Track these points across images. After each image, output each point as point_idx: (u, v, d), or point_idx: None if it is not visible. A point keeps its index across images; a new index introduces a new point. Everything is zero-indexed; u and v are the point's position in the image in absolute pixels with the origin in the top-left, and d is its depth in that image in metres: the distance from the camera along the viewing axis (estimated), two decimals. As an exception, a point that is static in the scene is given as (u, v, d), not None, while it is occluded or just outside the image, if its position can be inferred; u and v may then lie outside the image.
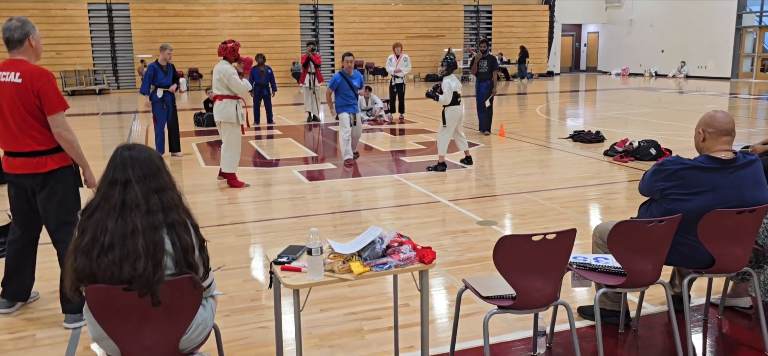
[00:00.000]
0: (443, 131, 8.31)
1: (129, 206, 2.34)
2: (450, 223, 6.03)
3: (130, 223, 2.32)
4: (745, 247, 3.28)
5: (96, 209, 2.37)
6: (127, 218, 2.33)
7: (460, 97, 8.29)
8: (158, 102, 9.52)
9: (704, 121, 3.33)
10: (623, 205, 6.66)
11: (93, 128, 14.13)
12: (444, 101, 8.14)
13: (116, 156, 2.44)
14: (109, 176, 2.41)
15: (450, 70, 8.28)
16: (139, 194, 2.36)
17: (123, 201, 2.34)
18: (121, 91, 23.85)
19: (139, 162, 2.41)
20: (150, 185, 2.39)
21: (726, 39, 25.31)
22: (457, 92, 8.19)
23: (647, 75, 28.64)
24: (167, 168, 2.52)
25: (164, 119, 9.63)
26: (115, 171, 2.40)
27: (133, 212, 2.33)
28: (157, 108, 9.56)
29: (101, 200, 2.38)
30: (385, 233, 2.95)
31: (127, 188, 2.36)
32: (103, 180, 2.42)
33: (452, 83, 8.13)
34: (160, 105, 9.53)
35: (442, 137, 8.36)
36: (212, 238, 5.67)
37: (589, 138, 10.58)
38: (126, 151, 2.43)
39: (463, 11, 28.03)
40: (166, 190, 2.43)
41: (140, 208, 2.34)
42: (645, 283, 3.21)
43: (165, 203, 2.40)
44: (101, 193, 2.39)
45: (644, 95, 20.10)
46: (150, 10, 23.79)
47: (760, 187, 3.28)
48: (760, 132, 11.60)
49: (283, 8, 25.36)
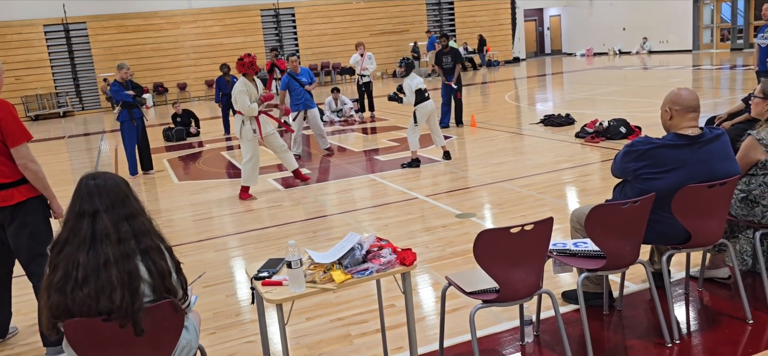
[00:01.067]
0: (414, 128, 8.32)
1: (99, 237, 2.28)
2: (429, 219, 6.04)
3: (102, 255, 2.26)
4: (718, 219, 3.34)
5: (65, 243, 2.31)
6: (98, 249, 2.27)
7: (426, 92, 8.30)
8: (127, 121, 9.31)
9: (670, 99, 3.38)
10: (598, 186, 6.74)
11: (60, 152, 13.84)
12: (407, 102, 8.18)
13: (81, 187, 2.37)
14: (76, 208, 2.35)
15: (408, 71, 8.30)
16: (109, 223, 2.30)
17: (93, 233, 2.29)
18: (86, 112, 23.41)
19: (106, 191, 2.35)
20: (119, 213, 2.34)
21: (685, 12, 25.80)
22: (421, 89, 8.19)
23: (611, 54, 29.06)
24: (135, 193, 2.47)
25: (134, 137, 9.44)
26: (82, 202, 2.34)
27: (103, 243, 2.28)
28: (125, 127, 9.35)
29: (70, 234, 2.32)
30: (364, 238, 2.94)
31: (96, 218, 2.31)
32: (70, 212, 2.36)
33: (413, 82, 8.15)
34: (128, 124, 9.33)
35: (411, 134, 8.37)
36: (191, 255, 5.60)
37: (560, 121, 10.69)
38: (91, 180, 2.37)
39: (426, 5, 28.10)
40: (135, 216, 2.38)
41: (111, 238, 2.29)
42: (625, 264, 3.25)
43: (136, 229, 2.35)
44: (69, 226, 2.33)
45: (610, 73, 20.39)
46: (108, 27, 23.37)
47: (728, 160, 3.34)
48: (725, 102, 11.85)
49: (244, 15, 25.13)
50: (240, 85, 7.29)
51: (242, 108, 7.26)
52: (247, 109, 7.25)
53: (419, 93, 8.19)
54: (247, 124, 7.37)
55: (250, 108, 7.25)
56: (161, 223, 7.08)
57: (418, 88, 8.16)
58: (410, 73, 8.27)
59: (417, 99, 8.19)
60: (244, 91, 7.25)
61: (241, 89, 7.26)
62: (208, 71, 24.04)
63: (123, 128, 9.37)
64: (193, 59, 24.58)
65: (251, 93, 7.31)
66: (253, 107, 7.26)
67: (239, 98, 7.24)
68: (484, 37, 27.87)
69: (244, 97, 7.22)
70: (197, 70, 24.61)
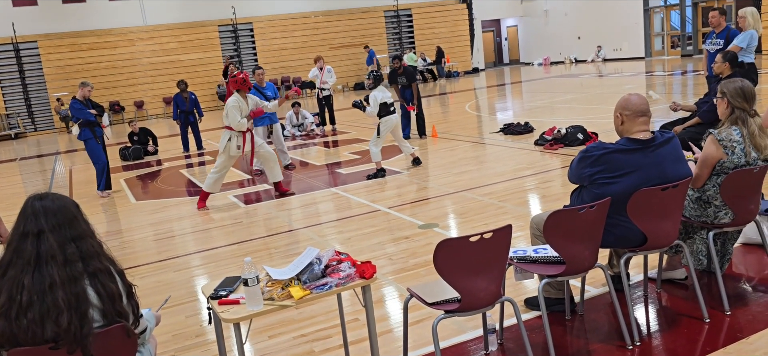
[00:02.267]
0: (376, 140, 8.43)
1: (44, 259, 2.18)
2: (392, 230, 6.02)
3: (48, 276, 2.16)
4: (673, 221, 3.41)
5: (9, 265, 2.20)
6: (43, 271, 2.17)
7: (392, 106, 8.43)
8: (91, 138, 9.01)
9: (620, 105, 3.45)
10: (558, 192, 6.83)
11: (12, 175, 13.39)
12: (370, 113, 8.34)
13: (27, 207, 2.28)
14: (21, 228, 2.24)
15: (377, 83, 8.51)
16: (55, 244, 2.21)
17: (37, 254, 2.19)
18: (39, 133, 22.73)
19: (52, 212, 2.26)
20: (65, 234, 2.24)
21: (636, 20, 26.53)
22: (386, 103, 8.33)
23: (567, 62, 29.68)
24: (84, 215, 2.38)
25: (102, 153, 9.14)
26: (26, 223, 2.24)
27: (49, 264, 2.18)
28: (90, 145, 9.03)
29: (13, 256, 2.21)
30: (323, 252, 2.90)
31: (41, 239, 2.21)
32: (14, 233, 2.26)
33: (379, 95, 8.32)
34: (92, 141, 9.02)
35: (373, 146, 8.46)
36: (151, 275, 5.45)
37: (519, 130, 10.84)
38: (37, 201, 2.28)
39: (384, 17, 28.25)
40: (83, 238, 2.28)
41: (56, 259, 2.19)
42: (584, 268, 3.28)
43: (84, 251, 2.25)
44: (12, 248, 2.23)
45: (566, 81, 20.80)
46: (61, 45, 22.79)
47: (680, 162, 3.41)
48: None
49: (201, 31, 24.84)
50: (233, 101, 7.52)
51: (233, 123, 7.48)
52: (237, 124, 7.46)
53: (384, 106, 8.33)
54: (233, 140, 7.57)
55: (240, 123, 7.47)
56: (119, 244, 6.90)
57: (383, 101, 8.32)
58: (378, 86, 8.46)
59: (382, 112, 8.33)
60: (237, 106, 7.48)
61: (233, 104, 7.49)
62: (166, 89, 23.65)
63: (89, 146, 9.04)
64: (149, 77, 24.14)
65: (243, 109, 7.54)
66: (242, 122, 7.49)
67: (231, 113, 7.47)
68: (442, 49, 28.15)
69: (235, 112, 7.46)
70: (154, 88, 24.18)
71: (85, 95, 8.94)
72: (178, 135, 13.81)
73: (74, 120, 9.08)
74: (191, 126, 13.15)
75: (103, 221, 7.90)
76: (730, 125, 3.70)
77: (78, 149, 16.69)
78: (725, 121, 3.75)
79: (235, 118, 7.44)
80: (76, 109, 8.89)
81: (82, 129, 8.93)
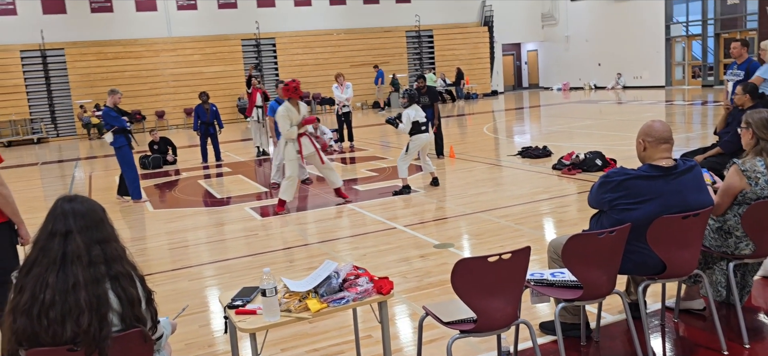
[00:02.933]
0: (404, 157, 8.54)
1: (70, 258, 2.21)
2: (407, 249, 6.01)
3: (72, 276, 2.19)
4: (693, 250, 3.37)
5: (34, 263, 2.23)
6: (68, 271, 2.19)
7: (424, 125, 8.54)
8: (125, 146, 9.07)
9: (643, 131, 3.43)
10: (575, 217, 6.79)
11: (33, 178, 13.59)
12: (403, 129, 8.48)
13: (56, 208, 2.32)
14: (49, 228, 2.28)
15: (411, 102, 8.64)
16: (81, 244, 2.24)
17: (63, 253, 2.22)
18: (61, 139, 23.07)
19: (81, 214, 2.30)
20: (92, 236, 2.27)
21: (657, 49, 26.42)
22: (418, 121, 8.45)
23: (587, 88, 29.59)
24: (110, 220, 2.41)
25: (133, 161, 9.23)
26: (55, 223, 2.27)
27: (74, 264, 2.21)
28: (124, 151, 9.08)
29: (39, 254, 2.24)
30: (341, 266, 2.90)
31: (68, 239, 2.24)
32: (42, 233, 2.29)
33: (412, 113, 8.46)
34: (126, 149, 9.08)
35: (401, 162, 8.56)
36: (166, 284, 5.49)
37: (537, 153, 10.80)
38: (67, 203, 2.32)
39: (405, 37, 28.43)
40: (109, 241, 2.32)
41: (82, 260, 2.22)
42: (602, 294, 3.25)
43: (108, 254, 2.28)
44: (39, 246, 2.26)
45: (585, 107, 20.72)
46: (87, 54, 23.20)
47: (701, 191, 3.39)
48: (697, 136, 12.10)
49: (224, 44, 25.16)
50: (282, 110, 7.68)
51: (283, 131, 7.72)
52: (286, 132, 7.66)
53: (416, 124, 8.45)
54: (289, 145, 7.76)
55: (290, 131, 7.65)
56: (135, 251, 6.96)
57: (416, 119, 8.46)
58: (412, 104, 8.58)
59: (413, 130, 8.45)
60: (286, 115, 7.63)
61: (283, 113, 7.65)
62: (187, 99, 23.92)
63: (123, 152, 9.08)
64: (172, 87, 24.47)
65: (293, 117, 7.66)
66: (292, 130, 7.66)
67: (280, 121, 7.67)
68: (462, 71, 28.22)
69: (284, 121, 7.63)
70: (176, 98, 24.49)
71: (115, 102, 9.04)
72: (197, 146, 13.94)
73: (107, 128, 9.18)
74: (211, 137, 13.27)
75: (122, 227, 7.97)
76: (754, 156, 3.67)
77: (98, 155, 16.92)
78: (750, 151, 3.71)
79: (284, 126, 7.62)
80: (111, 117, 8.96)
81: (116, 136, 9.02)
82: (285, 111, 7.62)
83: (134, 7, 24.00)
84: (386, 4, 28.07)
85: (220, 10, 25.21)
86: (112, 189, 10.35)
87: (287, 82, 7.79)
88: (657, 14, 26.17)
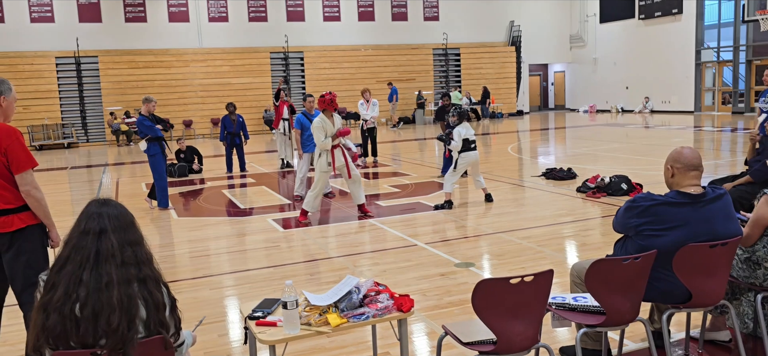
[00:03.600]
0: (452, 173, 8.72)
1: (104, 256, 2.24)
2: (427, 266, 5.99)
3: (105, 274, 2.21)
4: (720, 280, 3.31)
5: (67, 261, 2.26)
6: (101, 269, 2.22)
7: (473, 143, 8.63)
8: (159, 154, 9.18)
9: (672, 157, 3.39)
10: (598, 241, 6.71)
11: (61, 182, 13.86)
12: (455, 147, 8.60)
13: (89, 208, 2.36)
14: (81, 226, 2.31)
15: (461, 119, 8.77)
16: (115, 243, 2.27)
17: (97, 251, 2.25)
18: (91, 144, 23.54)
19: (114, 216, 2.35)
20: (125, 237, 2.32)
21: (687, 74, 26.10)
22: (468, 139, 8.58)
23: (614, 111, 29.30)
24: (139, 226, 2.46)
25: (165, 170, 9.37)
26: (88, 221, 2.31)
27: (108, 262, 2.23)
28: (157, 159, 9.19)
29: (71, 252, 2.27)
30: (362, 282, 2.91)
31: (102, 237, 2.27)
32: (74, 231, 2.32)
33: (463, 131, 8.59)
34: (160, 157, 9.20)
35: (448, 178, 8.76)
36: (186, 292, 5.54)
37: (562, 175, 10.71)
38: (100, 205, 2.37)
39: (432, 54, 28.51)
40: (139, 243, 2.36)
41: (115, 259, 2.25)
42: (625, 321, 3.20)
43: (139, 256, 2.32)
44: (71, 245, 2.29)
45: (612, 130, 20.52)
46: (120, 62, 23.70)
47: (730, 220, 3.32)
48: (726, 164, 11.89)
49: (253, 57, 25.51)
50: (318, 122, 7.85)
51: (317, 143, 7.89)
52: (321, 144, 7.82)
53: (466, 142, 8.55)
54: (322, 156, 7.92)
55: (324, 143, 7.81)
56: (159, 258, 7.05)
57: (466, 137, 8.57)
58: (462, 122, 8.71)
59: (463, 148, 8.56)
60: (321, 127, 7.80)
61: (318, 125, 7.82)
62: (215, 110, 24.27)
63: (156, 160, 9.19)
64: (200, 97, 24.84)
65: (327, 129, 7.83)
66: (326, 141, 7.82)
67: (315, 133, 7.84)
68: (488, 89, 28.18)
69: (319, 133, 7.80)
70: (203, 108, 24.85)
71: (150, 109, 9.20)
72: (222, 156, 14.11)
73: (141, 136, 9.34)
74: (236, 148, 13.42)
75: (146, 233, 8.06)
76: (785, 186, 3.59)
77: (126, 162, 17.21)
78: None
79: (319, 138, 7.78)
80: (146, 126, 9.07)
81: (149, 144, 9.16)
82: (320, 122, 7.78)
83: (167, 17, 24.49)
84: (414, 21, 28.23)
85: (251, 23, 25.59)
86: (138, 196, 10.52)
87: (324, 94, 7.96)
88: (687, 39, 25.88)
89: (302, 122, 9.97)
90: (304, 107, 10.31)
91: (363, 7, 27.32)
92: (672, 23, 26.41)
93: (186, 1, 24.65)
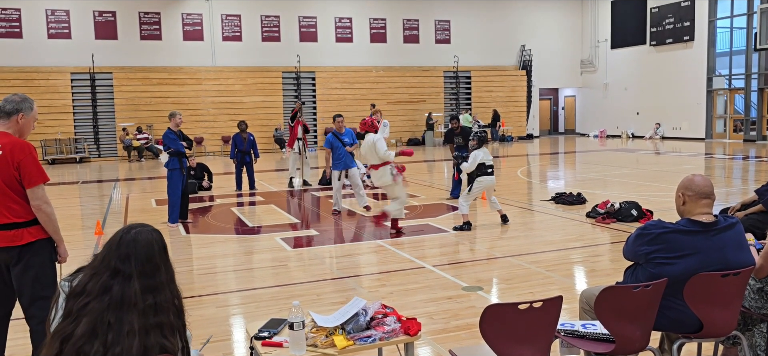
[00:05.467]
0: (466, 195, 8.82)
1: (127, 304, 2.22)
2: (435, 289, 5.96)
3: (127, 323, 2.20)
4: (732, 310, 3.26)
5: (93, 297, 2.22)
6: (123, 316, 2.20)
7: (491, 168, 8.70)
8: (177, 169, 9.36)
9: (684, 185, 3.36)
10: (608, 267, 6.65)
11: (72, 197, 13.96)
12: (467, 169, 8.72)
13: (121, 243, 2.31)
14: (111, 263, 2.28)
15: (480, 144, 8.86)
16: (138, 291, 2.24)
17: (122, 297, 2.22)
18: (102, 159, 23.72)
19: (142, 258, 2.30)
20: (148, 283, 2.28)
21: (698, 101, 26.02)
22: (484, 164, 8.64)
23: (624, 137, 29.22)
24: (168, 258, 2.42)
25: (180, 187, 9.46)
26: (118, 261, 2.28)
27: (130, 311, 2.21)
28: (175, 175, 9.37)
29: (100, 290, 2.24)
30: (369, 304, 2.89)
31: (128, 284, 2.24)
32: (103, 266, 2.28)
33: (480, 155, 8.68)
34: (178, 172, 9.38)
35: (463, 200, 8.84)
36: (192, 310, 5.53)
37: (571, 200, 10.66)
38: (131, 241, 2.32)
39: (443, 77, 28.62)
40: (162, 289, 2.32)
41: (137, 307, 2.22)
42: (634, 350, 3.16)
43: (158, 304, 2.28)
44: (101, 282, 2.25)
45: (622, 156, 20.44)
46: (133, 78, 23.96)
47: (742, 249, 3.29)
48: (737, 191, 11.79)
49: (265, 76, 25.71)
50: (373, 136, 8.33)
51: (380, 152, 8.24)
52: (384, 154, 8.21)
53: (482, 167, 8.63)
54: (386, 172, 8.33)
55: (387, 154, 8.23)
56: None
57: (482, 161, 8.65)
58: (481, 147, 8.82)
59: (479, 172, 8.64)
60: (380, 139, 8.24)
61: (376, 139, 8.27)
62: (226, 127, 24.43)
63: (172, 175, 9.38)
64: (212, 115, 25.03)
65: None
66: (389, 153, 8.26)
67: (380, 143, 8.25)
68: (498, 112, 28.19)
69: (381, 143, 8.23)
70: (215, 126, 25.02)
71: (177, 124, 9.40)
72: (232, 173, 14.16)
73: (164, 148, 9.49)
74: (246, 166, 13.48)
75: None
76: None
77: (136, 177, 17.31)
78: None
79: (383, 147, 8.19)
80: (171, 139, 9.32)
81: (171, 158, 9.31)
82: (381, 134, 8.35)
83: (182, 36, 24.78)
84: (426, 43, 28.39)
85: (264, 42, 25.84)
86: (147, 211, 10.56)
87: (366, 119, 8.65)
88: (699, 66, 25.85)
89: (332, 142, 10.25)
90: (333, 126, 10.61)
91: (375, 29, 27.51)
92: (684, 50, 26.40)
93: (201, 20, 24.95)
